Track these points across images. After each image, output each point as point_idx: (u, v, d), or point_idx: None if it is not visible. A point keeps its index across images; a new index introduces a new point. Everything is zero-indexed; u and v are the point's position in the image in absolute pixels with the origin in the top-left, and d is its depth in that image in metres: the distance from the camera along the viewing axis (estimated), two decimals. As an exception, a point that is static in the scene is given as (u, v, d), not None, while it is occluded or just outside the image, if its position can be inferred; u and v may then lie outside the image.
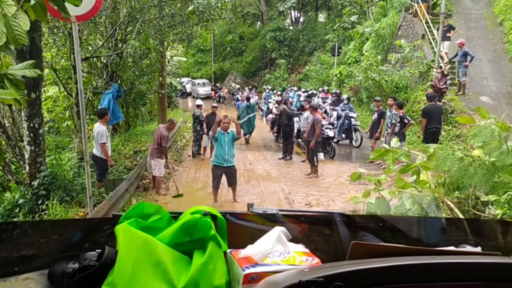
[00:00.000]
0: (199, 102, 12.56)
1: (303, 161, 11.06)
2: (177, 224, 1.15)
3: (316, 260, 1.11)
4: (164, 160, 8.23)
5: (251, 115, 13.95)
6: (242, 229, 1.33)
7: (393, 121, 9.36)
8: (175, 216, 1.20)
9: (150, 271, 1.00)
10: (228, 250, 1.15)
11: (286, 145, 11.61)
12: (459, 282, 0.83)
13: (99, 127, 7.01)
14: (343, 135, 13.13)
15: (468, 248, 1.11)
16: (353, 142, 12.95)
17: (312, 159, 9.34)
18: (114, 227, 1.09)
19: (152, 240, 1.07)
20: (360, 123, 13.98)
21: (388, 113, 9.61)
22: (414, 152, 7.33)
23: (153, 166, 8.14)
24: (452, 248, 1.09)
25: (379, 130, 10.20)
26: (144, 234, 1.07)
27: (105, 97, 8.75)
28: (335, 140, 12.02)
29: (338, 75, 21.72)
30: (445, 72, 11.92)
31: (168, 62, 12.09)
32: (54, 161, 7.45)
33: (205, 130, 11.23)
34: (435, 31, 15.08)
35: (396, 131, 9.09)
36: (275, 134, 14.73)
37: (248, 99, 14.52)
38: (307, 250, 1.16)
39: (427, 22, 15.81)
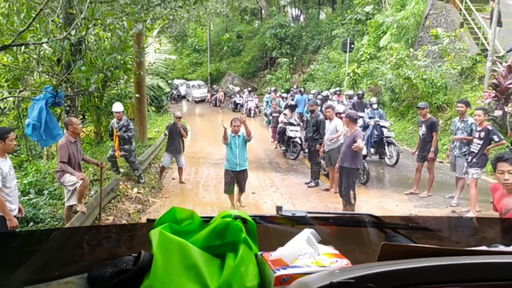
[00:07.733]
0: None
1: (327, 190, 8.09)
2: (209, 228, 1.14)
3: (346, 262, 1.06)
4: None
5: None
6: (272, 232, 1.36)
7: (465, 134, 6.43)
8: (206, 220, 1.19)
9: (184, 273, 1.01)
10: (259, 253, 1.12)
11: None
12: (491, 282, 0.79)
13: (-11, 161, 4.03)
14: (372, 150, 10.18)
15: (501, 248, 1.05)
16: (386, 159, 9.99)
17: (348, 193, 6.25)
18: (148, 232, 1.09)
19: (186, 243, 1.07)
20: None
21: (458, 124, 6.62)
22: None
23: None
24: (484, 247, 1.04)
25: (432, 149, 7.19)
26: (178, 238, 1.07)
27: (34, 105, 5.78)
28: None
29: (351, 74, 18.76)
30: None
31: (139, 54, 9.06)
32: None
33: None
34: (479, 18, 12.19)
35: (477, 151, 6.07)
36: (283, 148, 11.76)
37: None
38: (337, 252, 1.12)
39: (467, 8, 12.93)
